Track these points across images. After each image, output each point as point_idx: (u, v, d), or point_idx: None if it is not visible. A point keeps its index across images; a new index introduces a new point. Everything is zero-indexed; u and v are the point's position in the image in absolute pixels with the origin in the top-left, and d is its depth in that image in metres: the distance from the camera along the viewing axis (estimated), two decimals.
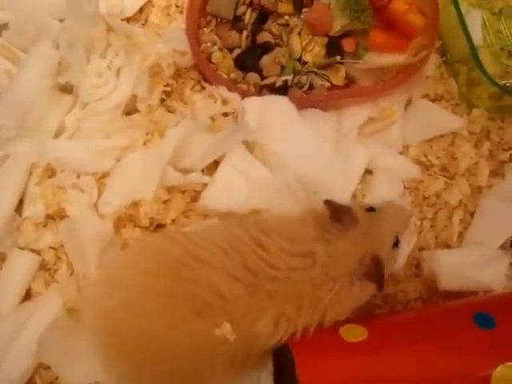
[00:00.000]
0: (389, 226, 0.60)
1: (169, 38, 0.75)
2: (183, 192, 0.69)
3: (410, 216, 0.70)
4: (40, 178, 0.68)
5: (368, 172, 0.73)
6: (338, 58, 0.76)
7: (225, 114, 0.73)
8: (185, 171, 0.68)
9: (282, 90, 0.75)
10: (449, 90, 0.78)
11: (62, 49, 0.73)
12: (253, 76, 0.76)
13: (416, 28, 0.74)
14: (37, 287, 0.65)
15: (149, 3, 0.82)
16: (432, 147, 0.75)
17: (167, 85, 0.74)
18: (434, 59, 0.79)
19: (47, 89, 0.72)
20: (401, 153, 0.75)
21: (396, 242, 0.60)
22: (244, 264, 0.54)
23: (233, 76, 0.76)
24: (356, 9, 0.75)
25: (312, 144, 0.71)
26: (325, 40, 0.78)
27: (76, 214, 0.66)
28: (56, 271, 0.66)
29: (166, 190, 0.67)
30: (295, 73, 0.76)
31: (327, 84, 0.76)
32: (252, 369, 0.58)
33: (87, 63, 0.73)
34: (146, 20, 0.81)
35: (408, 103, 0.77)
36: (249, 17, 0.78)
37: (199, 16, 0.78)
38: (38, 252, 0.67)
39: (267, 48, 0.77)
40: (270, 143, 0.69)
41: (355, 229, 0.56)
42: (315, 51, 0.78)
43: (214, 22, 0.79)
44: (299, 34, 0.78)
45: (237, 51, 0.77)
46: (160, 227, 0.68)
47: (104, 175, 0.69)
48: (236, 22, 0.78)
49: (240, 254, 0.55)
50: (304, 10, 0.78)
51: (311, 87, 0.76)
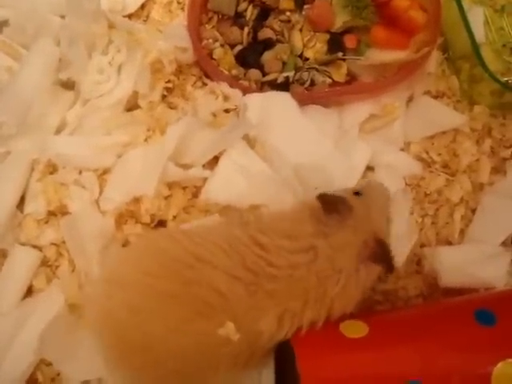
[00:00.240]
0: (381, 206, 0.60)
1: (170, 35, 0.75)
2: (184, 188, 0.69)
3: (411, 212, 0.71)
4: (41, 175, 0.69)
5: (369, 168, 0.73)
6: (340, 55, 0.76)
7: (226, 111, 0.73)
8: (186, 167, 0.68)
9: (284, 87, 0.75)
10: (450, 87, 0.78)
11: (63, 45, 0.73)
12: (254, 72, 0.76)
13: (418, 24, 0.74)
14: (38, 283, 0.65)
15: (150, 0, 0.82)
16: (433, 144, 0.75)
17: (169, 81, 0.74)
18: (436, 56, 0.78)
19: (48, 85, 0.72)
20: (402, 149, 0.75)
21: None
22: (244, 264, 0.54)
23: (234, 72, 0.76)
24: (358, 5, 0.75)
25: (313, 140, 0.71)
26: (326, 36, 0.78)
27: (77, 211, 0.66)
28: (57, 267, 0.66)
29: (167, 186, 0.67)
30: (297, 69, 0.76)
31: (329, 80, 0.76)
32: (255, 367, 0.58)
33: (88, 60, 0.73)
34: (148, 16, 0.81)
35: (410, 100, 0.77)
36: (250, 13, 0.78)
37: (201, 12, 0.78)
38: (40, 248, 0.67)
39: (269, 44, 0.77)
40: (272, 139, 0.70)
41: (351, 216, 0.56)
42: (317, 47, 0.78)
43: (216, 19, 0.79)
44: (301, 31, 0.78)
45: (238, 47, 0.77)
46: (161, 223, 0.68)
47: (105, 171, 0.69)
48: (237, 19, 0.78)
49: (239, 254, 0.55)
50: (305, 7, 0.78)
51: (313, 84, 0.76)
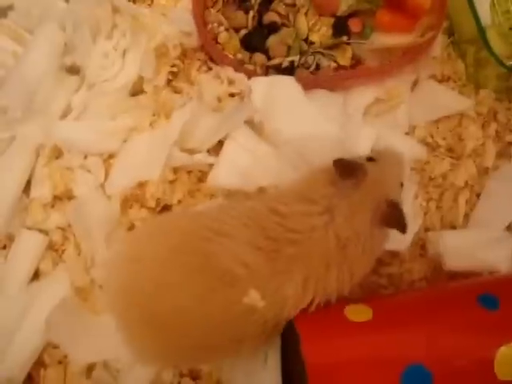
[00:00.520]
0: (394, 171, 0.60)
1: (175, 19, 0.75)
2: (189, 172, 0.69)
3: (416, 196, 0.71)
4: (47, 159, 0.69)
5: None
6: (345, 39, 0.76)
7: (231, 95, 0.72)
8: (191, 152, 0.68)
9: (289, 71, 0.75)
10: (456, 71, 0.78)
11: (68, 30, 0.73)
12: (259, 56, 0.75)
13: (423, 8, 0.73)
14: (45, 267, 0.66)
15: None
16: (438, 128, 0.75)
17: (173, 65, 0.74)
18: (442, 39, 0.78)
19: (53, 70, 0.72)
20: (407, 133, 0.75)
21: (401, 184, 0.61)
22: (263, 233, 0.55)
23: (239, 56, 0.76)
24: None
25: (318, 124, 0.70)
26: (331, 20, 0.77)
27: (83, 195, 0.67)
28: (64, 251, 0.67)
29: (172, 171, 0.68)
30: (302, 53, 0.76)
31: (334, 64, 0.76)
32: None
33: (93, 44, 0.73)
34: (152, 1, 0.81)
35: (415, 84, 0.77)
36: None
37: None
38: (46, 232, 0.67)
39: (274, 28, 0.76)
40: (276, 123, 0.69)
41: (366, 180, 0.57)
42: (322, 31, 0.77)
43: (221, 3, 0.79)
44: (306, 15, 0.78)
45: (243, 32, 0.77)
46: (166, 207, 0.68)
47: (110, 156, 0.70)
48: (242, 3, 0.78)
49: (258, 224, 0.55)
50: None
51: (318, 68, 0.76)
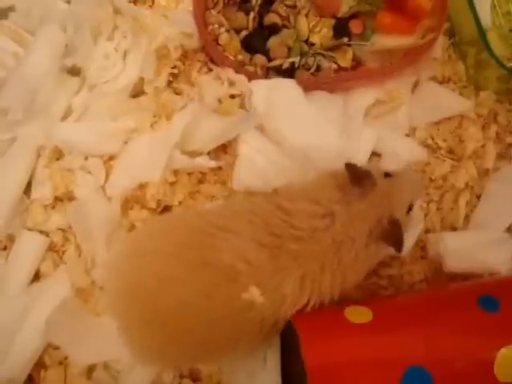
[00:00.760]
0: (405, 192, 0.60)
1: (176, 20, 0.75)
2: (190, 174, 0.69)
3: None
4: (48, 161, 0.69)
5: (375, 154, 0.73)
6: (346, 40, 0.76)
7: (232, 96, 0.73)
8: (191, 153, 0.68)
9: (289, 72, 0.75)
10: (456, 72, 0.78)
11: (69, 31, 0.73)
12: (260, 58, 0.75)
13: (424, 9, 0.73)
14: (45, 268, 0.66)
15: None
16: (439, 129, 0.75)
17: (174, 67, 0.74)
18: (442, 41, 0.78)
19: (54, 71, 0.72)
20: (408, 135, 0.75)
21: (409, 208, 0.61)
22: (268, 229, 0.56)
23: (240, 58, 0.76)
24: None
25: (319, 126, 0.71)
26: (332, 22, 0.77)
27: (84, 196, 0.67)
28: (64, 252, 0.67)
29: (173, 173, 0.68)
30: (302, 55, 0.76)
31: (334, 66, 0.76)
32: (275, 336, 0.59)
33: (94, 45, 0.73)
34: (153, 2, 0.80)
35: (415, 85, 0.77)
36: None
37: None
38: (47, 233, 0.67)
39: (274, 30, 0.76)
40: (277, 125, 0.69)
41: (374, 191, 0.57)
42: (322, 33, 0.77)
43: (221, 4, 0.78)
44: (306, 16, 0.78)
45: (244, 33, 0.77)
46: (167, 209, 0.68)
47: (111, 157, 0.70)
48: (243, 4, 0.78)
49: (263, 220, 0.56)
50: None
51: (318, 69, 0.76)
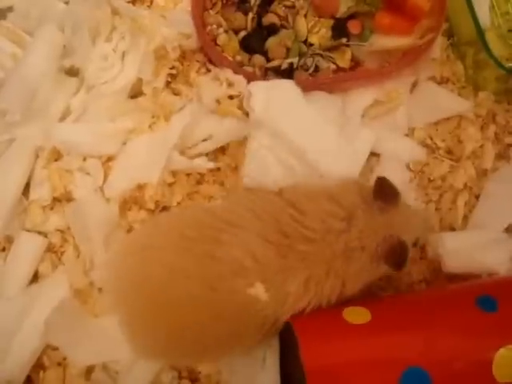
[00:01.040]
0: (418, 225, 0.60)
1: (174, 21, 0.75)
2: (188, 175, 0.69)
3: (415, 198, 0.71)
4: (46, 161, 0.69)
5: (373, 154, 0.73)
6: (344, 41, 0.76)
7: (230, 97, 0.72)
8: (190, 154, 0.69)
9: (288, 73, 0.75)
10: (455, 73, 0.78)
11: (67, 32, 0.73)
12: (258, 58, 0.75)
13: (422, 10, 0.73)
14: (44, 269, 0.66)
15: None
16: (438, 130, 0.75)
17: (172, 67, 0.74)
18: (441, 41, 0.78)
19: (52, 72, 0.71)
20: (406, 135, 0.75)
21: (415, 243, 0.60)
22: (277, 226, 0.56)
23: (238, 58, 0.76)
24: None
25: (317, 127, 0.70)
26: (331, 22, 0.77)
27: (82, 197, 0.67)
28: (63, 253, 0.67)
29: (171, 173, 0.68)
30: (301, 55, 0.76)
31: (333, 66, 0.76)
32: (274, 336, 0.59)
33: (92, 46, 0.73)
34: (152, 2, 0.80)
35: (414, 86, 0.77)
36: None
37: None
38: (45, 234, 0.67)
39: (273, 30, 0.76)
40: (276, 126, 0.69)
41: (393, 211, 0.57)
42: (321, 33, 0.77)
43: (220, 4, 0.78)
44: (305, 16, 0.78)
45: (242, 33, 0.77)
46: (165, 209, 0.68)
47: (110, 158, 0.70)
48: (242, 4, 0.78)
49: (273, 217, 0.56)
50: None
51: (317, 70, 0.76)
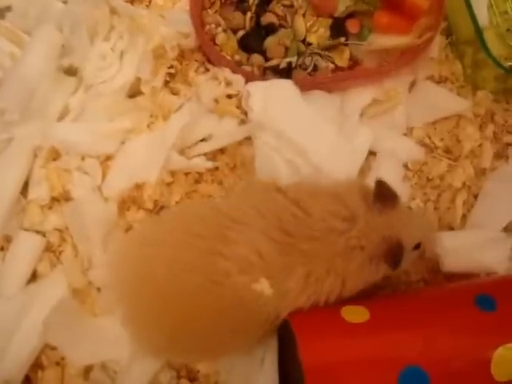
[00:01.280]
0: (420, 228, 0.60)
1: (172, 20, 0.75)
2: (186, 174, 0.69)
3: (413, 197, 0.72)
4: (45, 161, 0.69)
5: (372, 153, 0.73)
6: (343, 40, 0.76)
7: (229, 96, 0.72)
8: (188, 154, 0.69)
9: (286, 72, 0.75)
10: (454, 72, 0.78)
11: (66, 31, 0.73)
12: (257, 57, 0.75)
13: (421, 9, 0.73)
14: (42, 269, 0.66)
15: None
16: (436, 129, 0.75)
17: (171, 67, 0.74)
18: (439, 40, 0.78)
19: (51, 71, 0.71)
20: (405, 134, 0.75)
21: (417, 246, 0.60)
22: (279, 224, 0.56)
23: (237, 58, 0.76)
24: None
25: (316, 126, 0.71)
26: (329, 21, 0.77)
27: (80, 197, 0.67)
28: (61, 253, 0.67)
29: (170, 173, 0.68)
30: (299, 54, 0.76)
31: (331, 65, 0.76)
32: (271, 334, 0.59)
33: (91, 46, 0.73)
34: (150, 1, 0.80)
35: (412, 85, 0.77)
36: None
37: None
38: (43, 234, 0.67)
39: (271, 29, 0.76)
40: (275, 126, 0.69)
41: (392, 214, 0.57)
42: (319, 33, 0.77)
43: (218, 4, 0.78)
44: (303, 16, 0.78)
45: (241, 33, 0.77)
46: (164, 209, 0.68)
47: (108, 158, 0.70)
48: (240, 3, 0.78)
49: (275, 215, 0.56)
50: None
51: (315, 69, 0.76)
